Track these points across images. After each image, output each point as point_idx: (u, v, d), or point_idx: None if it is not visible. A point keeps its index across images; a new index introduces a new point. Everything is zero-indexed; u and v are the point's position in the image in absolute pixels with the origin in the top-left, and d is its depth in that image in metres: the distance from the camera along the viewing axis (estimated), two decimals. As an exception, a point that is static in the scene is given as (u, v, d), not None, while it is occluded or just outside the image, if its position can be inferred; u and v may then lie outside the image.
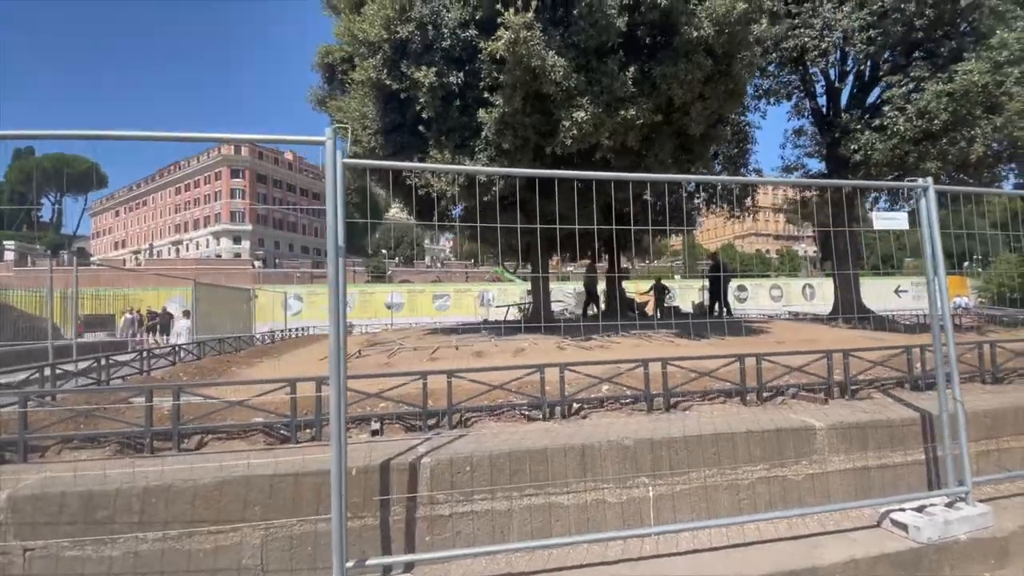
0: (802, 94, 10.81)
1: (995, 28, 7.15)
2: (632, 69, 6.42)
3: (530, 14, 5.64)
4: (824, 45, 8.30)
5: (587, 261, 15.69)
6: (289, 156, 70.98)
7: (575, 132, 6.41)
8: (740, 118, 10.88)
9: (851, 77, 9.96)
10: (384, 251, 53.28)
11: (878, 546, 3.19)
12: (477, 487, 3.12)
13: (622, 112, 6.48)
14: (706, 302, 13.39)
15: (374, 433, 3.57)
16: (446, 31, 6.46)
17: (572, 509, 3.23)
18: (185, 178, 67.95)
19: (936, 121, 7.37)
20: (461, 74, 6.60)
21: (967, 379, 5.14)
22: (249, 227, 63.25)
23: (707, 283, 13.13)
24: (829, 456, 3.72)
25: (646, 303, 15.17)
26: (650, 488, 3.36)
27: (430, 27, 6.38)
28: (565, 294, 23.94)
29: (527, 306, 13.20)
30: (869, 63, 8.36)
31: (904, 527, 3.31)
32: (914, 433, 3.98)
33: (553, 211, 7.14)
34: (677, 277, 38.95)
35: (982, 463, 4.09)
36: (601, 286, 14.35)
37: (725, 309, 12.41)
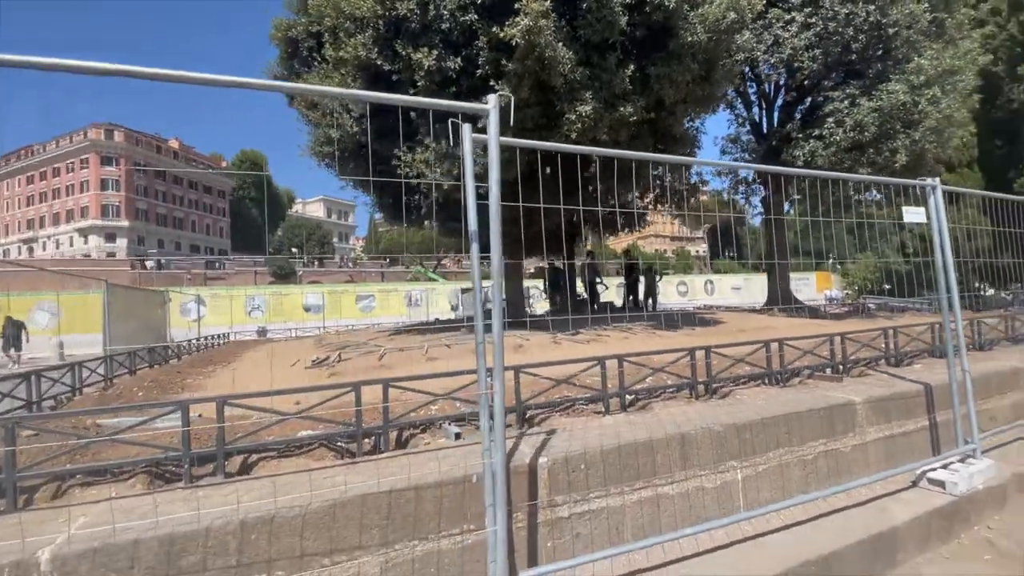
0: (740, 104, 11.87)
1: (911, 55, 8.42)
2: (631, 68, 6.56)
3: (548, 2, 5.53)
4: (773, 60, 9.19)
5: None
6: (175, 143, 63.19)
7: (579, 126, 6.41)
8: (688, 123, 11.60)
9: (783, 91, 11.11)
10: (294, 250, 49.51)
11: (928, 503, 3.57)
12: (592, 485, 2.97)
13: (620, 109, 6.61)
14: (623, 296, 14.20)
15: (457, 436, 3.26)
16: (445, 12, 6.13)
17: (676, 498, 3.21)
18: (40, 165, 57.57)
19: (866, 133, 8.49)
20: (459, 59, 6.31)
21: (921, 355, 5.97)
22: (125, 223, 55.27)
23: (641, 279, 13.87)
24: (867, 428, 4.10)
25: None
26: (739, 471, 3.45)
27: (431, 6, 6.02)
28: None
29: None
30: (808, 79, 9.40)
31: (941, 484, 3.73)
32: (920, 403, 4.53)
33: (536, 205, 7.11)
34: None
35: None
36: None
37: (653, 302, 13.40)
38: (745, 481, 3.47)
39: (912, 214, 4.04)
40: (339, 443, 3.21)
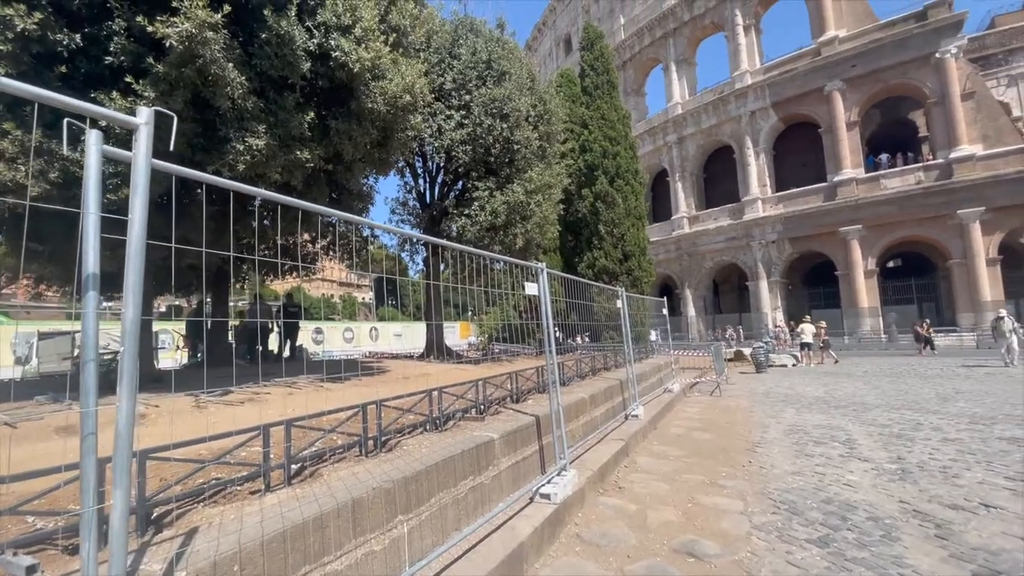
0: (409, 175, 13.26)
1: (526, 168, 11.44)
2: (311, 114, 6.45)
3: (219, 16, 4.88)
4: (436, 144, 10.76)
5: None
6: None
7: (248, 158, 5.78)
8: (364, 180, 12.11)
9: (442, 171, 13.08)
10: None
11: (541, 514, 4.57)
12: (248, 588, 2.47)
13: (297, 152, 6.36)
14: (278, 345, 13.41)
15: (32, 570, 2.14)
16: (57, -32, 4.61)
17: (344, 572, 3.01)
18: None
19: (499, 219, 10.87)
20: (78, 36, 4.78)
21: (531, 392, 7.83)
22: None
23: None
24: (501, 459, 4.97)
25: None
26: (405, 525, 3.56)
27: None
28: (112, 338, 18.01)
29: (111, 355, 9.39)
30: (462, 167, 11.41)
31: (548, 496, 4.87)
32: (533, 431, 5.83)
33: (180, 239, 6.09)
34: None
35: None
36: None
37: (293, 350, 13.25)
38: (411, 533, 3.61)
39: (530, 287, 5.37)
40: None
